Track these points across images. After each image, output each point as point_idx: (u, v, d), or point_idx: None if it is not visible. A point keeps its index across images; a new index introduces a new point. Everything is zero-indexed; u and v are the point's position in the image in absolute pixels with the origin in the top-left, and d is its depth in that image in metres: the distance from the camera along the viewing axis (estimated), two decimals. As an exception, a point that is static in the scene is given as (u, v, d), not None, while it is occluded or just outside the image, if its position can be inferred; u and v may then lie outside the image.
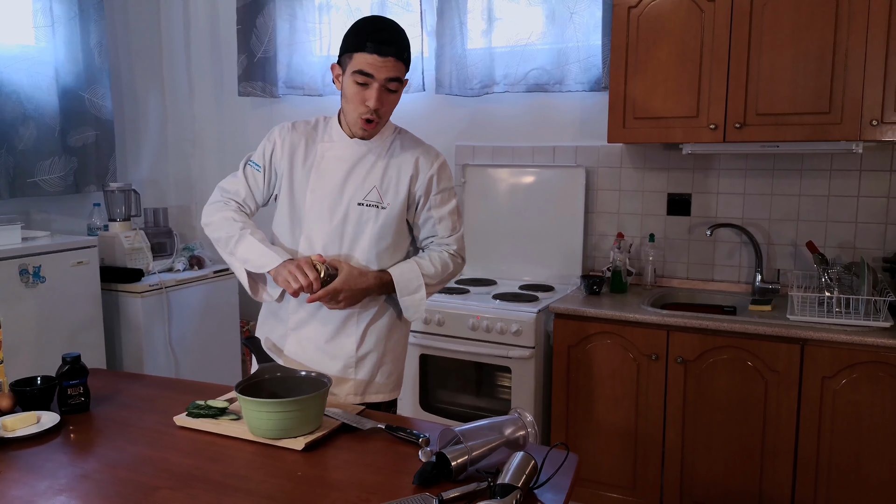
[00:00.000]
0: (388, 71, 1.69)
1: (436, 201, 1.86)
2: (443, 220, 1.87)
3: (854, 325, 2.36)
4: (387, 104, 1.75)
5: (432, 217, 1.86)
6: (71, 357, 1.68)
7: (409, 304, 1.82)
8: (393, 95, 1.75)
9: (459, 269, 1.92)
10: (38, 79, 3.23)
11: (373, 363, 1.85)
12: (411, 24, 3.35)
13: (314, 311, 1.82)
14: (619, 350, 2.63)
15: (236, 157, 3.97)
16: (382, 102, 1.72)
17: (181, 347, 3.38)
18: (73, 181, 3.39)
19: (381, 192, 1.80)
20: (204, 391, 1.79)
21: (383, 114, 1.76)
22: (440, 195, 1.86)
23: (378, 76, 1.69)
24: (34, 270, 2.80)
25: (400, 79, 1.73)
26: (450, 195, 1.89)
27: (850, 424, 2.33)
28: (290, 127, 1.88)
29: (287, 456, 1.43)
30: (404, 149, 1.85)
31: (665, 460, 2.61)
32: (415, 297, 1.81)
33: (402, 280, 1.80)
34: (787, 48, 2.51)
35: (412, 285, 1.80)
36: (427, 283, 1.81)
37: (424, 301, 1.82)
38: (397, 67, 1.71)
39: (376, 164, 1.81)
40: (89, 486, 1.33)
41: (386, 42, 1.68)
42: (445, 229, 1.88)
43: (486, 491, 1.25)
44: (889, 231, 2.73)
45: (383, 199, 1.80)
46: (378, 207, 1.80)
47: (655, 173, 3.07)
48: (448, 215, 1.88)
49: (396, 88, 1.74)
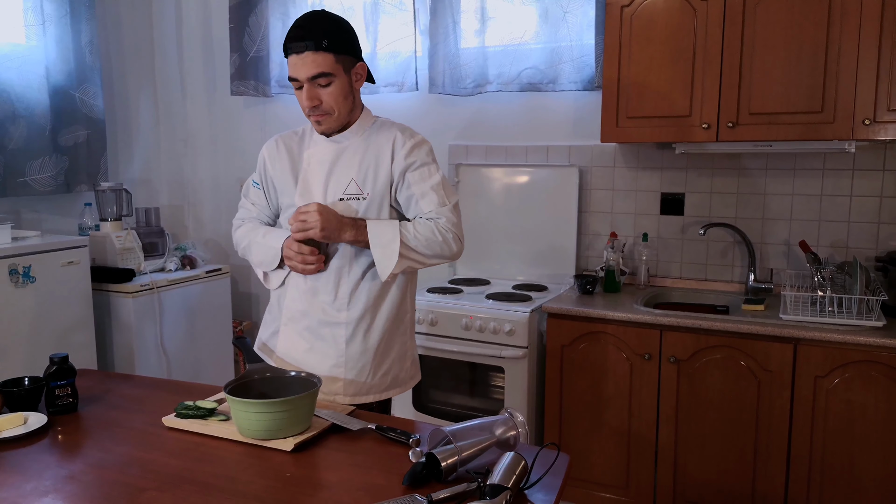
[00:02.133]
0: (309, 68, 1.66)
1: (414, 178, 1.77)
2: (426, 196, 1.77)
3: (847, 324, 2.36)
4: (330, 97, 1.71)
5: (413, 195, 1.78)
6: (59, 357, 1.66)
7: (381, 256, 1.73)
8: (329, 88, 1.70)
9: (452, 242, 1.77)
10: (28, 77, 3.21)
11: (364, 363, 1.83)
12: (404, 23, 3.34)
13: (307, 305, 1.82)
14: (613, 350, 2.63)
15: (229, 157, 4.01)
16: (321, 98, 1.70)
17: (173, 348, 3.36)
18: (63, 180, 3.37)
19: (359, 184, 1.78)
20: (193, 392, 1.78)
21: (328, 108, 1.73)
22: (418, 171, 1.78)
23: (301, 76, 1.68)
24: (24, 270, 2.78)
25: (325, 72, 1.67)
26: (430, 171, 1.79)
27: (843, 423, 2.33)
28: (275, 143, 1.91)
29: (276, 457, 1.42)
30: (380, 135, 1.81)
31: (658, 460, 2.61)
32: (387, 249, 1.72)
33: (375, 228, 1.73)
34: (780, 47, 2.51)
35: (385, 236, 1.73)
36: (404, 241, 1.72)
37: (396, 255, 1.72)
38: (317, 61, 1.66)
39: (353, 157, 1.80)
40: (75, 487, 1.32)
41: (299, 38, 1.65)
42: (430, 204, 1.77)
43: (476, 491, 1.24)
44: (881, 230, 2.73)
45: (363, 190, 1.77)
46: (359, 199, 1.78)
47: (649, 173, 3.07)
48: (431, 190, 1.77)
49: (328, 83, 1.69)
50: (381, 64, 3.44)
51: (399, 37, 3.38)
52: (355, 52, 1.75)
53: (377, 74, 3.44)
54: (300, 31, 1.67)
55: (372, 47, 3.43)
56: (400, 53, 3.39)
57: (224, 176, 4.06)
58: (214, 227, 4.13)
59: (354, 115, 1.82)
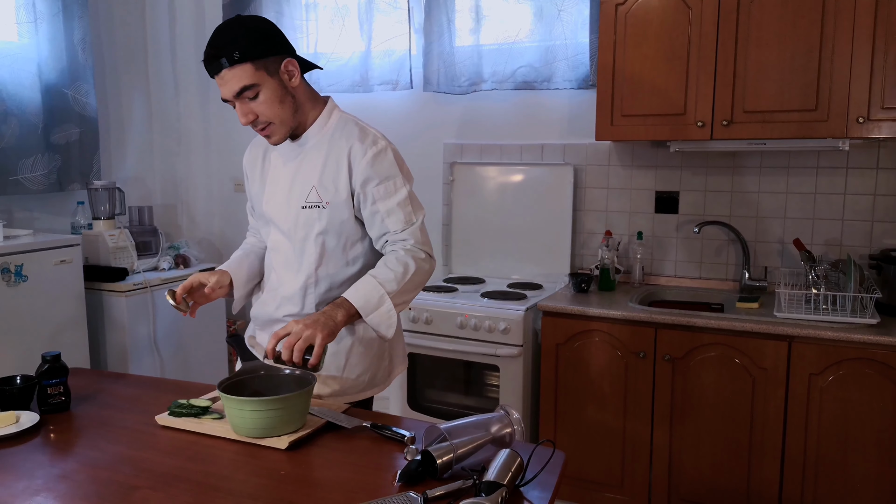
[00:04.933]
0: (229, 86, 1.57)
1: (378, 193, 1.66)
2: (392, 214, 1.67)
3: (841, 322, 2.37)
4: (263, 107, 1.60)
5: (378, 211, 1.67)
6: (51, 356, 1.65)
7: (379, 320, 1.63)
8: (259, 99, 1.59)
9: (426, 266, 1.69)
10: (20, 75, 3.19)
11: (337, 364, 1.76)
12: (399, 22, 3.33)
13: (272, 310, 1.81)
14: (607, 348, 2.63)
15: (222, 155, 4.00)
16: (256, 112, 1.61)
17: (166, 347, 3.35)
18: (56, 179, 3.35)
19: (319, 192, 1.69)
20: (187, 390, 1.77)
21: (266, 119, 1.63)
22: (382, 186, 1.67)
23: (227, 96, 1.59)
24: (16, 269, 2.77)
25: (247, 85, 1.56)
26: (396, 185, 1.68)
27: (838, 421, 2.33)
28: (250, 148, 1.88)
29: (270, 455, 1.41)
30: (340, 139, 1.70)
31: (653, 458, 2.61)
32: (381, 310, 1.62)
33: (359, 298, 1.61)
34: (774, 45, 2.51)
35: (373, 300, 1.61)
36: (389, 292, 1.61)
37: (394, 312, 1.63)
38: (236, 76, 1.55)
39: (315, 162, 1.71)
40: (67, 486, 1.31)
41: (208, 59, 1.57)
42: (396, 222, 1.67)
43: (471, 489, 1.24)
44: (875, 228, 2.74)
45: (322, 199, 1.68)
46: (320, 207, 1.69)
47: (643, 171, 3.07)
48: (397, 207, 1.67)
49: (255, 94, 1.58)
50: (375, 62, 3.43)
51: (393, 35, 3.37)
52: (277, 50, 1.61)
53: (371, 73, 3.43)
54: (210, 51, 1.57)
55: (366, 45, 3.42)
56: (394, 52, 3.38)
57: (218, 175, 4.04)
58: (208, 226, 4.11)
59: (305, 115, 1.70)
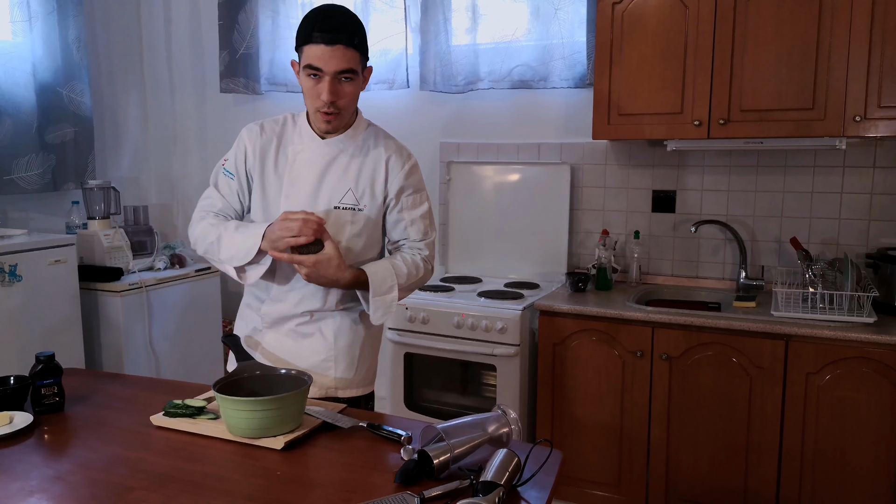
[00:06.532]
0: (338, 61, 1.61)
1: (407, 203, 1.80)
2: (415, 223, 1.82)
3: (838, 320, 2.37)
4: (345, 96, 1.67)
5: (404, 219, 1.81)
6: (45, 356, 1.64)
7: (381, 304, 1.73)
8: (350, 85, 1.66)
9: (428, 276, 1.85)
10: (14, 74, 3.18)
11: (349, 358, 1.81)
12: (395, 21, 3.32)
13: (289, 307, 1.78)
14: (604, 347, 2.62)
15: (218, 155, 3.96)
16: (339, 94, 1.65)
17: (162, 347, 3.34)
18: (51, 178, 3.34)
19: (356, 195, 1.74)
20: (182, 390, 1.75)
21: (342, 106, 1.68)
22: (412, 196, 1.81)
23: (327, 68, 1.61)
24: (10, 269, 2.75)
25: (353, 69, 1.64)
26: (422, 198, 1.84)
27: (835, 420, 2.33)
28: (258, 129, 1.79)
29: (266, 455, 1.40)
30: (377, 147, 1.78)
31: (650, 457, 2.60)
32: (386, 297, 1.73)
33: (376, 279, 1.72)
34: (771, 44, 2.51)
35: (385, 285, 1.73)
36: (399, 285, 1.75)
37: (395, 303, 1.75)
38: (347, 56, 1.62)
39: (350, 164, 1.75)
40: (62, 487, 1.29)
41: (332, 30, 1.59)
42: (417, 232, 1.82)
43: (468, 489, 1.23)
44: (872, 227, 2.74)
45: (359, 202, 1.75)
46: (355, 210, 1.74)
47: (640, 170, 3.07)
48: (420, 218, 1.82)
49: (351, 78, 1.66)
50: (371, 61, 3.42)
51: (390, 34, 3.36)
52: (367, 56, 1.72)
53: (368, 72, 3.43)
54: (333, 23, 1.60)
55: (362, 44, 3.41)
56: (391, 51, 3.37)
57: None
58: (204, 226, 4.09)
59: (353, 118, 1.78)
